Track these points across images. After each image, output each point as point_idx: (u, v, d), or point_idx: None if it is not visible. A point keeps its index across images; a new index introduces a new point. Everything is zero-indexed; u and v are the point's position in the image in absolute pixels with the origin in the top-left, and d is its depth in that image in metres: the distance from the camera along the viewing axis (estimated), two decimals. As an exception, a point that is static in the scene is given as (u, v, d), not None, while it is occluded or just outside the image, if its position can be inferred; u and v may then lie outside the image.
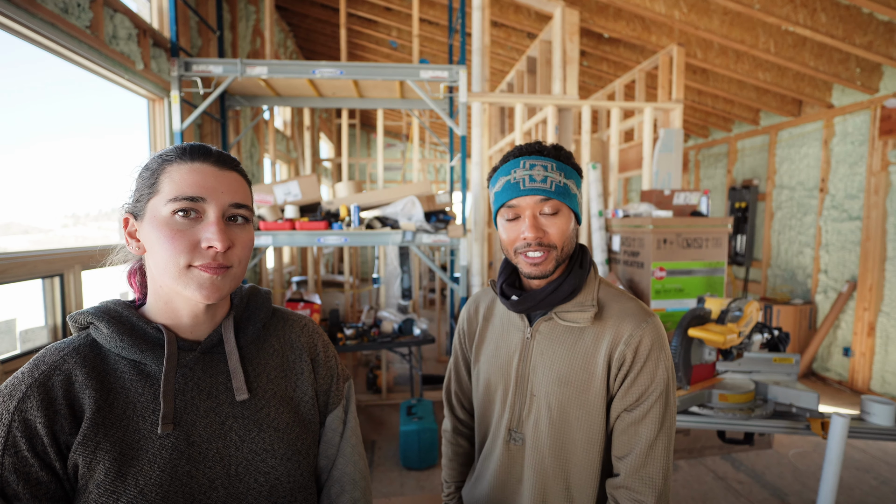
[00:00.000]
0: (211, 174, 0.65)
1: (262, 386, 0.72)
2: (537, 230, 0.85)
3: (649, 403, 0.84)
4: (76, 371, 0.61)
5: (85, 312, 0.66)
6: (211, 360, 0.69)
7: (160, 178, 0.64)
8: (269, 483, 0.67)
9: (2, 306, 1.98)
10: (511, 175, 0.86)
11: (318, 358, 0.80)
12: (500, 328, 0.99)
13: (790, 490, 2.58)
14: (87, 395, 0.60)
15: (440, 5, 4.66)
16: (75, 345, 0.64)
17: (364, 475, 0.80)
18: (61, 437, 0.58)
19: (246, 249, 0.68)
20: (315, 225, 2.69)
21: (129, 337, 0.64)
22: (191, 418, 0.65)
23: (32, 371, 0.60)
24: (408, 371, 4.22)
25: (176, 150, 0.66)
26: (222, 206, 0.65)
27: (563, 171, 0.86)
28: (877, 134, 3.81)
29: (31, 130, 2.37)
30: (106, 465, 0.58)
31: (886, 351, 3.81)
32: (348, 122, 6.16)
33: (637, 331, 0.85)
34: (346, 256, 4.64)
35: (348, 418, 0.81)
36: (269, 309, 0.78)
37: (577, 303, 0.89)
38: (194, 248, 0.63)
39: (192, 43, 3.20)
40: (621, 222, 3.14)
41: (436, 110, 3.08)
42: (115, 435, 0.60)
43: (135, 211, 0.66)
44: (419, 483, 2.67)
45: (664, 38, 3.80)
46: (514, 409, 0.93)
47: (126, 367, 0.64)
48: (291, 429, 0.71)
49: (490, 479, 0.97)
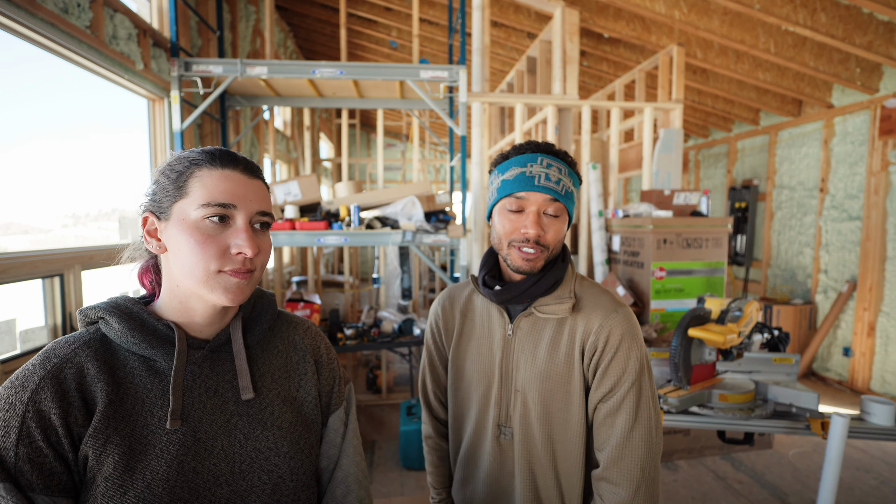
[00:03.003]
0: (241, 182, 0.67)
1: (267, 386, 0.73)
2: (540, 228, 0.87)
3: (622, 393, 0.86)
4: (88, 364, 0.62)
5: (96, 307, 0.67)
6: (218, 359, 0.70)
7: (189, 181, 0.65)
8: (272, 481, 0.68)
9: (2, 306, 1.98)
10: (527, 168, 0.87)
11: (321, 360, 0.81)
12: (481, 325, 1.00)
13: (790, 490, 2.58)
14: (99, 387, 0.61)
15: (440, 5, 4.66)
16: (86, 338, 0.65)
17: (366, 475, 0.82)
18: (75, 428, 0.59)
19: (267, 254, 0.71)
20: (315, 225, 2.69)
21: (139, 333, 0.65)
22: (197, 415, 0.66)
23: (44, 363, 0.61)
24: (408, 371, 4.22)
25: (204, 155, 0.67)
26: (250, 213, 0.67)
27: (571, 177, 0.90)
28: (877, 134, 3.81)
29: (31, 130, 2.37)
30: (115, 459, 0.59)
31: (886, 351, 3.81)
32: (348, 122, 6.15)
33: (606, 321, 0.88)
34: (346, 256, 4.64)
35: (349, 420, 0.82)
36: (275, 311, 0.80)
37: (556, 296, 0.92)
38: (224, 253, 0.65)
39: (192, 43, 3.20)
40: (621, 222, 3.14)
41: (436, 110, 3.08)
42: (124, 429, 0.61)
43: (157, 210, 0.67)
44: (419, 483, 2.67)
45: (664, 38, 3.80)
46: (502, 405, 0.95)
47: (136, 362, 0.65)
48: (294, 428, 0.72)
49: (483, 476, 0.98)
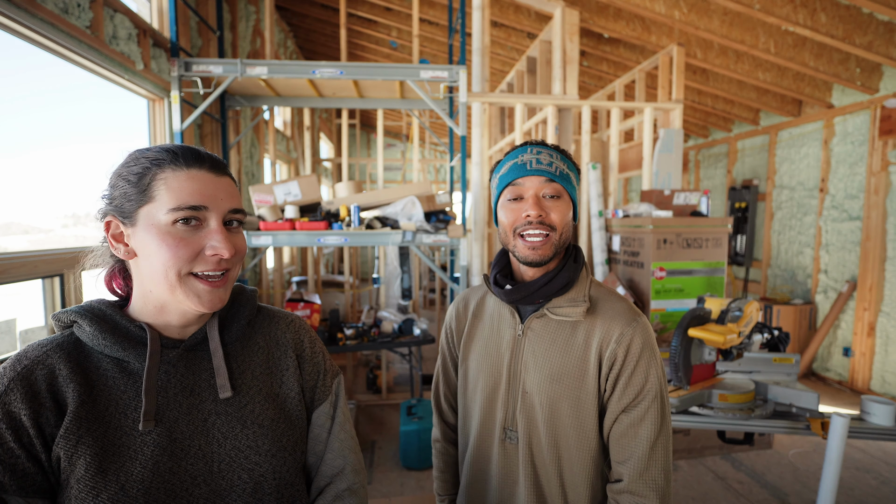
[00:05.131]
0: (209, 181, 0.65)
1: (247, 383, 0.72)
2: (540, 208, 0.87)
3: (647, 403, 0.84)
4: (60, 365, 0.62)
5: (69, 311, 0.66)
6: (194, 358, 0.69)
7: (153, 184, 0.63)
8: (253, 480, 0.67)
9: (2, 306, 1.98)
10: (518, 158, 0.90)
11: (303, 354, 0.80)
12: (490, 325, 0.98)
13: (790, 490, 2.58)
14: (70, 388, 0.61)
15: (440, 5, 4.66)
16: (58, 341, 0.64)
17: (355, 469, 0.78)
18: (47, 429, 0.59)
19: (243, 253, 0.70)
20: (315, 225, 2.69)
21: (111, 335, 0.64)
22: (173, 415, 0.65)
23: (14, 366, 0.60)
24: (408, 371, 4.22)
25: (166, 154, 0.64)
26: (222, 212, 0.66)
27: (566, 162, 0.92)
28: (877, 134, 3.81)
29: (31, 130, 2.37)
30: (87, 461, 0.59)
31: (886, 351, 3.81)
32: (348, 122, 6.15)
33: (628, 329, 0.86)
34: (346, 256, 4.64)
35: (336, 414, 0.80)
36: (254, 307, 0.78)
37: (570, 298, 0.90)
38: (197, 255, 0.64)
39: (192, 43, 3.20)
40: (621, 222, 3.14)
41: (436, 110, 3.08)
42: (97, 430, 0.61)
43: (121, 215, 0.65)
44: (419, 483, 2.67)
45: (664, 38, 3.80)
46: (508, 407, 0.92)
47: (109, 364, 0.65)
48: (276, 425, 0.71)
49: (488, 481, 0.95)
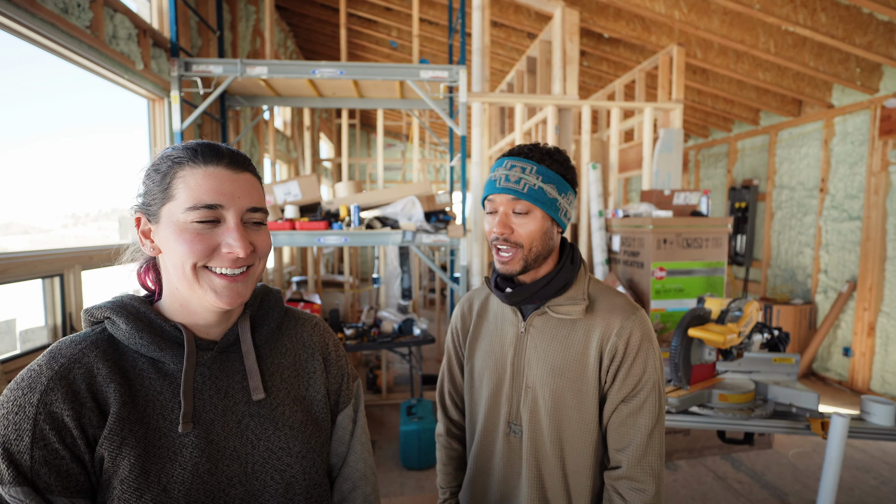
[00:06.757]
0: (227, 178, 0.64)
1: (277, 385, 0.72)
2: (505, 227, 0.90)
3: (645, 393, 0.88)
4: (98, 364, 0.61)
5: (101, 306, 0.65)
6: (227, 360, 0.69)
7: (173, 182, 0.63)
8: (284, 480, 0.68)
9: (2, 306, 1.98)
10: (494, 172, 0.93)
11: (329, 357, 0.80)
12: (494, 324, 1.02)
13: (790, 490, 2.58)
14: (111, 389, 0.60)
15: (440, 5, 4.66)
16: (92, 339, 0.63)
17: (373, 471, 0.82)
18: (89, 430, 0.58)
19: (265, 250, 0.69)
20: (315, 225, 2.69)
21: (148, 334, 0.64)
22: (209, 417, 0.65)
23: (51, 363, 0.59)
24: (408, 371, 4.22)
25: (187, 152, 0.64)
26: (240, 211, 0.65)
27: (543, 174, 0.88)
28: (877, 134, 3.81)
29: (31, 130, 2.38)
30: (131, 461, 0.58)
31: (886, 351, 3.81)
32: (348, 122, 6.15)
33: (627, 323, 0.89)
34: (346, 256, 4.64)
35: (358, 417, 0.82)
36: (283, 309, 0.78)
37: (569, 297, 0.94)
38: (212, 251, 0.63)
39: (192, 43, 3.20)
40: (621, 222, 3.14)
41: (436, 110, 3.07)
42: (138, 431, 0.60)
43: (147, 213, 0.65)
44: (419, 483, 2.67)
45: (664, 38, 3.80)
46: (512, 402, 0.96)
47: (145, 363, 0.64)
48: (305, 427, 0.72)
49: (492, 474, 0.99)
